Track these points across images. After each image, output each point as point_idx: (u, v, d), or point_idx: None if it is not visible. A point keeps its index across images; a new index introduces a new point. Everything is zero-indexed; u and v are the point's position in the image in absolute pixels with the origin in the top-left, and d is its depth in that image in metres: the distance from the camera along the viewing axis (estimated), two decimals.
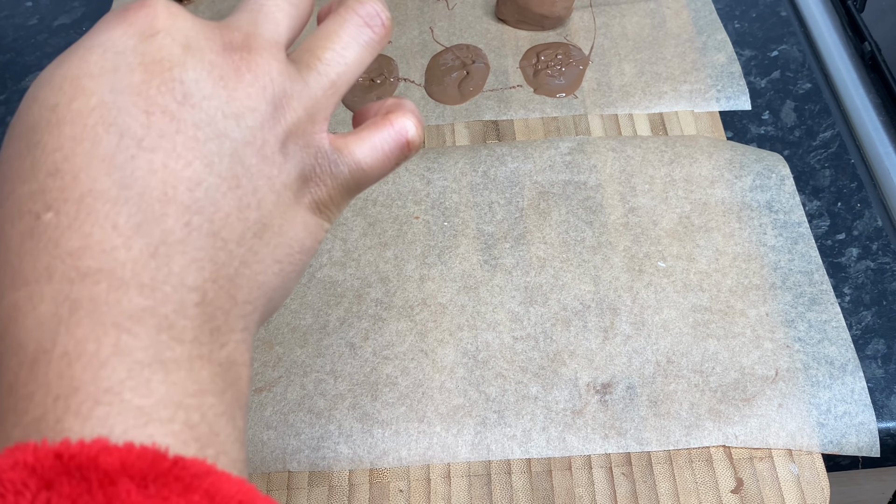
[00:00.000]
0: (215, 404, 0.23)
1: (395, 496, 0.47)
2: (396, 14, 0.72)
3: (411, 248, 0.56)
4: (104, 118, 0.24)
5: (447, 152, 0.61)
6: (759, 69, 0.66)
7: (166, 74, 0.25)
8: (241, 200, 0.26)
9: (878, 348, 0.51)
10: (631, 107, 0.64)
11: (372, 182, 0.30)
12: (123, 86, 0.25)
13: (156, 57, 0.25)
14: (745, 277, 0.54)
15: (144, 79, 0.25)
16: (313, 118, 0.28)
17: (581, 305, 0.53)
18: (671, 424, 0.48)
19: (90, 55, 0.25)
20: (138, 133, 0.24)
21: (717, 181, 0.58)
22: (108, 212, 0.23)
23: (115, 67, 0.25)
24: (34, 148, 0.24)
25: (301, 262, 0.29)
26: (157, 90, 0.25)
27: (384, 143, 0.30)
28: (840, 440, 0.47)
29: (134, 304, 0.23)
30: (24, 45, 0.73)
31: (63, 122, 0.24)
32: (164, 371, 0.22)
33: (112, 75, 0.25)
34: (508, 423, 0.49)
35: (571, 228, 0.56)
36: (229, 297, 0.25)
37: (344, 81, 0.29)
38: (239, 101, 0.26)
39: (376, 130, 0.30)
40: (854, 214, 0.57)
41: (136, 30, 0.26)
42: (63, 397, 0.21)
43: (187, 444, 0.22)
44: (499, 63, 0.68)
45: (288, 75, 0.28)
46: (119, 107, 0.24)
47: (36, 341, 0.22)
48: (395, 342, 0.52)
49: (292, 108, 0.28)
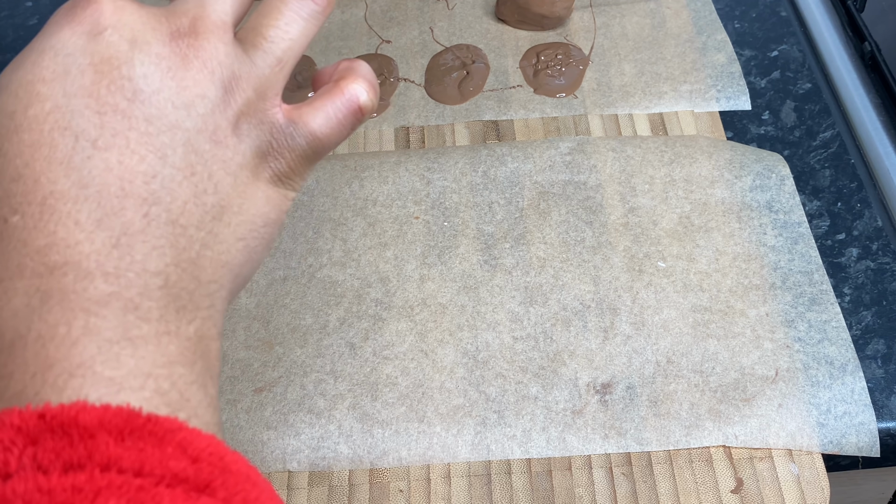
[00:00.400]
0: (185, 374, 0.25)
1: (395, 496, 0.47)
2: (396, 14, 0.72)
3: (411, 248, 0.56)
4: (59, 122, 0.25)
5: (447, 152, 0.61)
6: (759, 69, 0.66)
7: (115, 73, 0.26)
8: (197, 187, 0.27)
9: (878, 348, 0.51)
10: (631, 107, 0.64)
11: (330, 149, 0.32)
12: (75, 88, 0.26)
13: (104, 55, 0.26)
14: (745, 277, 0.54)
15: (95, 79, 0.26)
16: (263, 95, 0.29)
17: (581, 305, 0.53)
18: (671, 424, 0.48)
19: (42, 59, 0.26)
20: (92, 134, 0.25)
21: (717, 181, 0.58)
22: (70, 210, 0.25)
23: (67, 70, 0.26)
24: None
25: (268, 235, 0.30)
26: (108, 90, 0.26)
27: (337, 111, 0.31)
28: (840, 440, 0.47)
29: (100, 290, 0.24)
30: (24, 45, 0.73)
31: (21, 128, 0.25)
32: (133, 346, 0.24)
33: (64, 79, 0.26)
34: (508, 423, 0.49)
35: (571, 228, 0.57)
36: (193, 278, 0.27)
37: (290, 56, 0.30)
38: (188, 89, 0.27)
39: (328, 99, 0.31)
40: (854, 214, 0.57)
41: (83, 28, 0.27)
42: (40, 373, 0.23)
43: (158, 408, 0.24)
44: (499, 63, 0.68)
45: (235, 57, 0.28)
46: (73, 110, 0.26)
47: (12, 329, 0.24)
48: (395, 342, 0.52)
49: (241, 89, 0.28)
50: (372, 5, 0.73)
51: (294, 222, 0.58)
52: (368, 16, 0.72)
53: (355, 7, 0.73)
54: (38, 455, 0.21)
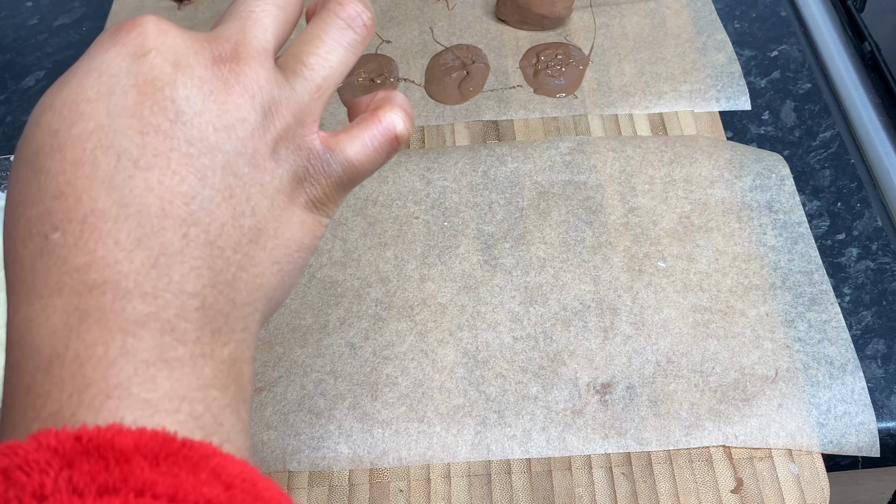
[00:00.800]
0: (219, 397, 0.25)
1: (395, 496, 0.47)
2: (396, 14, 0.72)
3: (411, 248, 0.56)
4: (102, 142, 0.26)
5: (447, 152, 0.61)
6: (759, 69, 0.66)
7: (158, 94, 0.27)
8: (235, 209, 0.27)
9: (877, 348, 0.51)
10: (631, 107, 0.64)
11: (365, 177, 0.32)
12: (119, 109, 0.26)
13: (148, 77, 0.27)
14: (744, 277, 0.54)
15: (138, 100, 0.26)
16: (302, 121, 0.29)
17: (581, 305, 0.53)
18: (671, 424, 0.48)
19: (87, 79, 0.27)
20: (134, 153, 0.26)
21: (717, 181, 0.58)
22: (110, 229, 0.25)
23: (111, 90, 0.26)
24: (39, 173, 0.26)
25: (300, 260, 0.30)
26: (151, 110, 0.26)
27: (373, 139, 0.31)
28: (840, 440, 0.47)
29: (138, 310, 0.24)
30: (24, 45, 0.73)
31: (64, 146, 0.26)
32: (169, 368, 0.24)
33: (108, 99, 0.26)
34: (508, 423, 0.49)
35: (571, 228, 0.57)
36: (228, 300, 0.27)
37: (329, 84, 0.30)
38: (229, 113, 0.28)
39: (365, 127, 0.31)
40: (854, 214, 0.57)
41: (128, 50, 0.27)
42: (76, 393, 0.23)
43: (193, 432, 0.24)
44: (499, 63, 0.68)
45: (275, 82, 0.29)
46: (115, 129, 0.26)
47: (50, 347, 0.24)
48: (395, 342, 0.52)
49: (281, 115, 0.29)
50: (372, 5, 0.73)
51: None
52: None
53: None
54: (74, 478, 0.21)
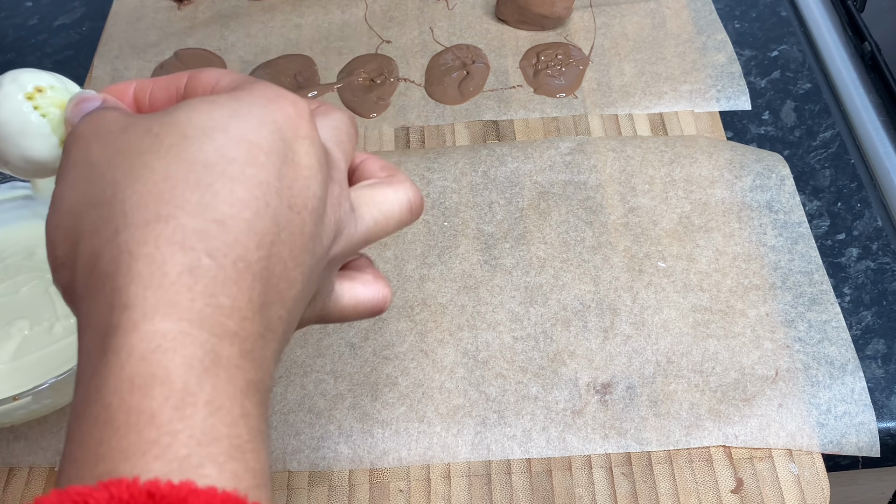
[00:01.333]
0: (263, 454, 0.26)
1: (395, 496, 0.47)
2: (396, 14, 0.72)
3: (411, 248, 0.56)
4: (265, 197, 0.27)
5: (447, 152, 0.61)
6: (759, 69, 0.66)
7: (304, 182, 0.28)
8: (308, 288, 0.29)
9: (878, 348, 0.51)
10: (631, 107, 0.64)
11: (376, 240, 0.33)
12: (280, 174, 0.27)
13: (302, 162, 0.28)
14: (745, 277, 0.54)
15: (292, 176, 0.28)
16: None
17: (581, 305, 0.53)
18: (671, 424, 0.48)
19: (263, 129, 0.28)
20: (281, 223, 0.27)
21: (717, 181, 0.58)
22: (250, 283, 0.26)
23: (278, 153, 0.28)
24: (205, 190, 0.26)
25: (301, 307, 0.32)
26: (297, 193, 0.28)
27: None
28: (840, 440, 0.47)
29: (248, 376, 0.26)
30: (24, 45, 0.73)
31: (236, 180, 0.26)
32: (262, 440, 0.25)
33: (276, 159, 0.27)
34: (508, 423, 0.49)
35: (571, 228, 0.56)
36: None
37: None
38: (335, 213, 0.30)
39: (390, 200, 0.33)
40: (854, 214, 0.57)
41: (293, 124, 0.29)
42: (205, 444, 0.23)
43: (260, 487, 0.24)
44: (499, 63, 0.68)
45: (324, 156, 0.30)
46: (274, 191, 0.27)
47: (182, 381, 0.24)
48: (395, 342, 0.52)
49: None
50: (372, 5, 0.73)
51: None
52: (368, 16, 0.72)
53: (355, 7, 0.73)
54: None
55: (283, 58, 0.69)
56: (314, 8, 0.73)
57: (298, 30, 0.72)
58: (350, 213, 0.31)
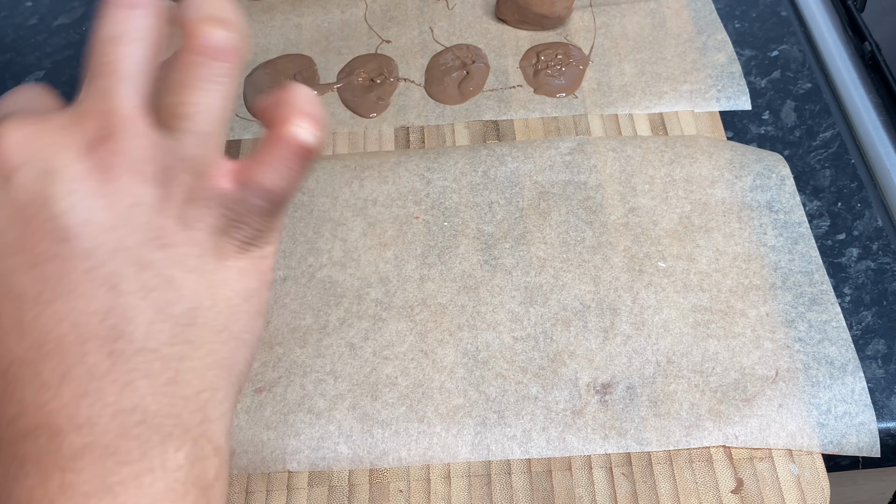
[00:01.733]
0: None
1: (395, 496, 0.47)
2: (396, 14, 0.72)
3: (411, 248, 0.56)
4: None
5: (447, 152, 0.61)
6: (759, 69, 0.66)
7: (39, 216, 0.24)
8: (158, 303, 0.25)
9: (878, 348, 0.51)
10: (631, 107, 0.64)
11: (292, 196, 0.29)
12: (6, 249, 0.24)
13: (23, 201, 0.24)
14: (745, 277, 0.54)
15: (20, 232, 0.24)
16: (202, 174, 0.27)
17: (581, 305, 0.53)
18: (671, 424, 0.48)
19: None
20: (33, 290, 0.24)
21: (717, 181, 0.58)
22: (32, 374, 0.24)
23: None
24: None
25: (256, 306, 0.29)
26: (36, 238, 0.24)
27: (284, 161, 0.28)
28: (840, 440, 0.47)
29: (74, 445, 0.24)
30: (24, 45, 0.73)
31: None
32: (112, 495, 0.23)
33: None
34: (508, 424, 0.49)
35: (571, 228, 0.56)
36: (176, 399, 0.25)
37: (217, 125, 0.27)
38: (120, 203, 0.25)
39: (272, 151, 0.28)
40: (854, 214, 0.57)
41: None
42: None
43: None
44: (499, 63, 0.68)
45: (160, 146, 0.26)
46: (10, 271, 0.24)
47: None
48: (395, 342, 0.52)
49: (178, 179, 0.26)
50: (372, 5, 0.73)
51: (294, 222, 0.58)
52: (368, 16, 0.72)
53: (355, 7, 0.73)
54: None
55: (282, 57, 0.69)
56: (314, 7, 0.73)
57: (298, 29, 0.72)
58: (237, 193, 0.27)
